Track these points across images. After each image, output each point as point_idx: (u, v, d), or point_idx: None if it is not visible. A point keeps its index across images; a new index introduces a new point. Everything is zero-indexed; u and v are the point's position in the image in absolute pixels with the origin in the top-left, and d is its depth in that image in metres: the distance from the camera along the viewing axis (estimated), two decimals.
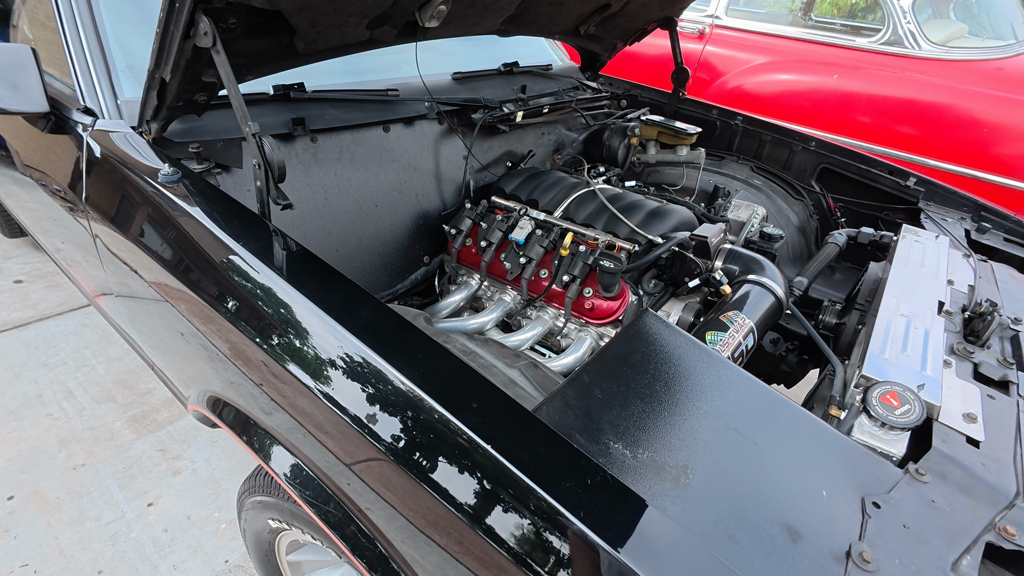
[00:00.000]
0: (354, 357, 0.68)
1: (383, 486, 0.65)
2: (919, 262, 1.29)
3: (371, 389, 0.67)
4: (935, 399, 0.84)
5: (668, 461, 0.67)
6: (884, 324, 1.02)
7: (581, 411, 0.71)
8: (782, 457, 0.72)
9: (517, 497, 0.56)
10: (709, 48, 3.44)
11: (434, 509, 0.61)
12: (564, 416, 0.70)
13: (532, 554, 0.54)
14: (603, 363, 0.80)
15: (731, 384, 0.82)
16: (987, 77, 2.63)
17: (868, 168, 1.92)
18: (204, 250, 0.88)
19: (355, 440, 0.66)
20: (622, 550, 0.51)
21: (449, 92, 1.64)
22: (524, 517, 0.55)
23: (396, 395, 0.65)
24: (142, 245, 0.98)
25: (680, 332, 0.89)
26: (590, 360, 0.80)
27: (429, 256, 1.62)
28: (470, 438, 0.58)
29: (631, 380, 0.78)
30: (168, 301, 0.98)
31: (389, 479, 0.65)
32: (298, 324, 0.74)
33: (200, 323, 0.91)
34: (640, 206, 1.46)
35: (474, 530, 0.57)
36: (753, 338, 1.14)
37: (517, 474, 0.55)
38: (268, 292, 0.78)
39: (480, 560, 0.58)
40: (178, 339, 1.03)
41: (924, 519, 0.68)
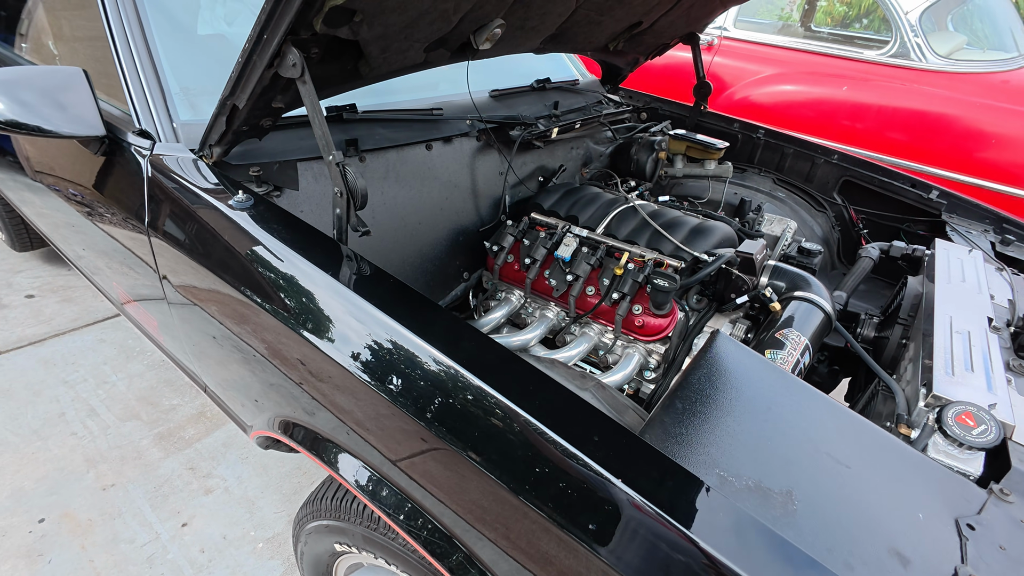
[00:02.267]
0: (468, 393, 0.68)
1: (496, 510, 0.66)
2: (960, 277, 1.33)
3: (492, 425, 0.68)
4: (1009, 418, 0.86)
5: (772, 487, 0.69)
6: (943, 342, 1.04)
7: (681, 439, 0.72)
8: (874, 480, 0.74)
9: (651, 531, 0.57)
10: (718, 59, 3.49)
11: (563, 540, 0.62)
12: (666, 443, 0.71)
13: None
14: (691, 388, 0.81)
15: (811, 405, 0.84)
16: (993, 89, 2.70)
17: (891, 181, 1.96)
18: (285, 276, 0.88)
19: (479, 480, 0.67)
20: None
21: (488, 109, 1.65)
22: (659, 551, 0.56)
23: (517, 432, 0.65)
24: (216, 271, 0.97)
25: (754, 354, 0.91)
26: (676, 385, 0.81)
27: (468, 272, 1.63)
28: (598, 472, 0.59)
29: (718, 404, 0.79)
30: (242, 325, 0.98)
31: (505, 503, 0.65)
32: (399, 358, 0.75)
33: (285, 350, 0.91)
34: (682, 223, 1.48)
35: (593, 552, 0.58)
36: (809, 355, 1.16)
37: (653, 509, 0.56)
38: (363, 321, 0.79)
39: None
40: (252, 366, 1.02)
41: (1018, 540, 0.70)
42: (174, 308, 1.21)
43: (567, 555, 0.63)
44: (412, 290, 0.82)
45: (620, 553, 0.57)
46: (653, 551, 0.56)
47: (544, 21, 1.36)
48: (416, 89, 1.57)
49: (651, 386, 1.39)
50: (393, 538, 0.92)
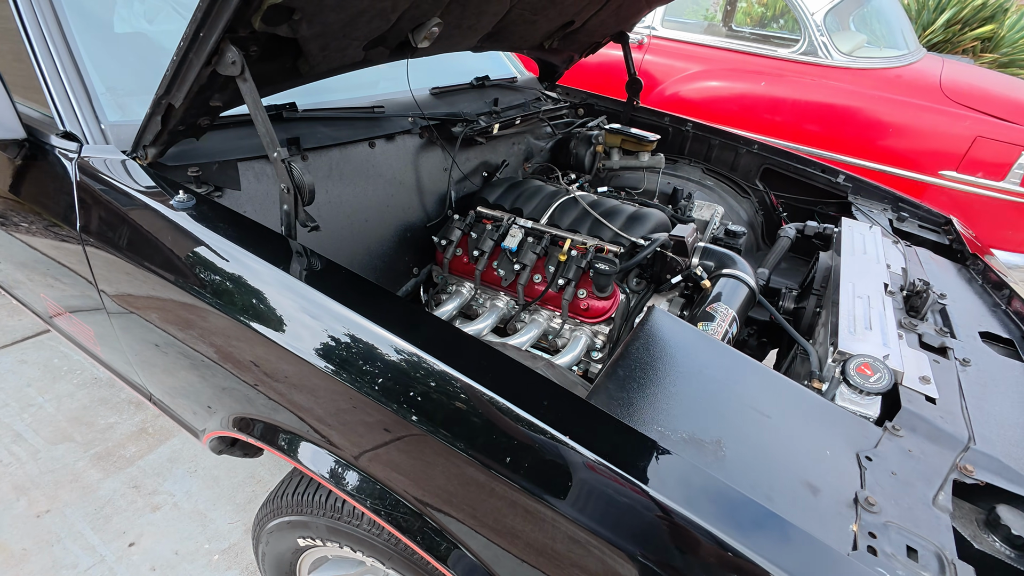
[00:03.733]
0: (424, 372, 0.72)
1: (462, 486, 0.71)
2: (862, 250, 1.49)
3: (450, 399, 0.72)
4: (899, 367, 1.00)
5: (704, 438, 0.77)
6: (847, 307, 1.18)
7: (624, 401, 0.80)
8: (791, 427, 0.84)
9: (603, 483, 0.63)
10: (648, 57, 3.66)
11: (516, 499, 0.67)
12: (611, 406, 0.78)
13: (615, 527, 0.61)
14: (630, 358, 0.89)
15: (737, 366, 0.94)
16: (889, 83, 3.00)
17: (804, 167, 2.15)
18: (233, 275, 0.88)
19: (441, 451, 0.71)
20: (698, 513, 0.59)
21: (428, 107, 1.68)
22: (613, 501, 0.63)
23: (475, 403, 0.70)
24: (158, 274, 0.96)
25: (686, 324, 1.00)
26: (618, 355, 0.88)
27: (418, 267, 1.65)
28: (553, 434, 0.64)
29: (656, 370, 0.87)
30: (189, 331, 0.97)
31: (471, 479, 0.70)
32: (358, 344, 0.77)
33: (237, 351, 0.91)
34: (619, 211, 1.57)
35: (559, 511, 0.63)
36: (736, 325, 1.27)
37: (604, 464, 0.62)
38: (318, 313, 0.81)
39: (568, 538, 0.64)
40: (202, 371, 1.01)
41: (906, 466, 0.82)
42: (114, 317, 1.17)
43: (531, 525, 0.68)
44: (364, 279, 0.85)
45: (576, 505, 0.63)
46: (606, 501, 0.63)
47: (480, 20, 1.41)
48: (356, 87, 1.57)
49: (599, 366, 1.48)
50: (358, 524, 0.94)
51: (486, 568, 0.78)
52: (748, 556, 0.59)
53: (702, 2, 4.65)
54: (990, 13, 6.29)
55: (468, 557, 0.78)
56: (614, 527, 0.62)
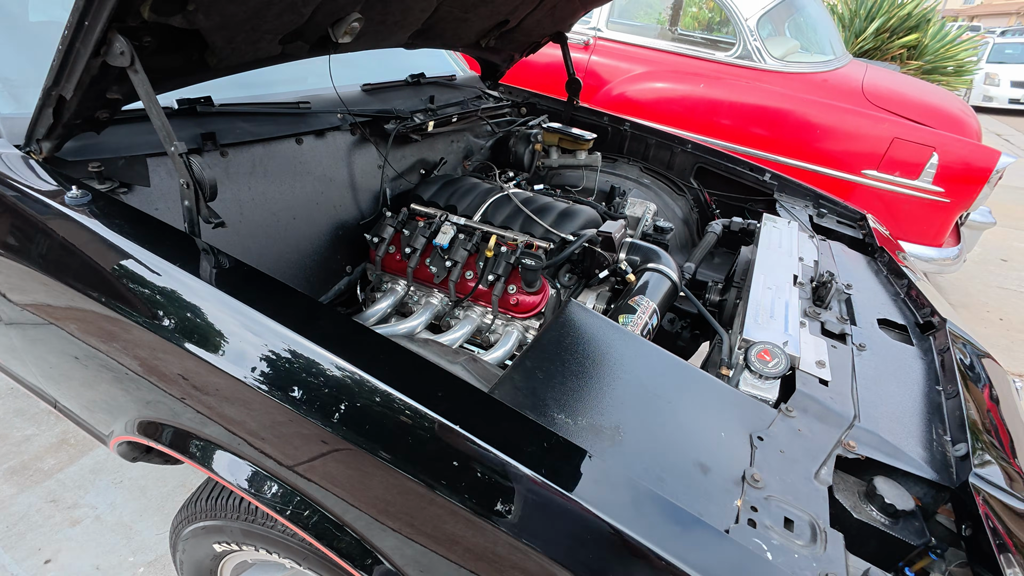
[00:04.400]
0: (322, 365, 0.72)
1: (360, 481, 0.71)
2: (778, 244, 1.57)
3: (345, 394, 0.72)
4: (795, 352, 1.06)
5: (603, 424, 0.80)
6: (756, 297, 1.24)
7: (528, 391, 0.82)
8: (690, 411, 0.88)
9: (489, 468, 0.64)
10: (594, 58, 3.74)
11: (414, 491, 0.68)
12: (515, 397, 0.80)
13: (506, 512, 0.63)
14: (541, 349, 0.91)
15: (645, 357, 0.97)
16: (816, 87, 3.17)
17: (734, 166, 2.25)
18: (132, 274, 0.85)
19: (333, 442, 0.71)
20: (577, 494, 0.62)
21: (360, 103, 1.66)
22: (496, 484, 0.64)
23: (369, 394, 0.70)
24: (55, 276, 0.91)
25: (600, 317, 1.03)
26: (529, 347, 0.90)
27: (351, 266, 1.64)
28: (442, 423, 0.65)
29: (566, 361, 0.90)
30: (86, 332, 0.93)
31: (367, 471, 0.70)
32: (256, 341, 0.76)
33: (137, 351, 0.88)
34: (551, 208, 1.60)
35: (445, 497, 0.65)
36: (656, 318, 1.32)
37: (487, 448, 0.64)
38: (218, 312, 0.79)
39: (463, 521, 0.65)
40: (98, 372, 0.97)
41: (794, 444, 0.88)
42: (7, 320, 1.11)
43: (451, 517, 0.69)
44: (266, 276, 0.83)
45: (464, 492, 0.65)
46: (495, 489, 0.64)
47: (406, 17, 1.41)
48: (283, 83, 1.54)
49: None
50: (272, 526, 0.92)
51: (396, 568, 0.79)
52: (625, 532, 0.61)
53: (656, 5, 4.77)
54: (915, 23, 6.72)
55: (377, 556, 0.78)
56: (508, 516, 0.64)
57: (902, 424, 0.99)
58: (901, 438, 0.95)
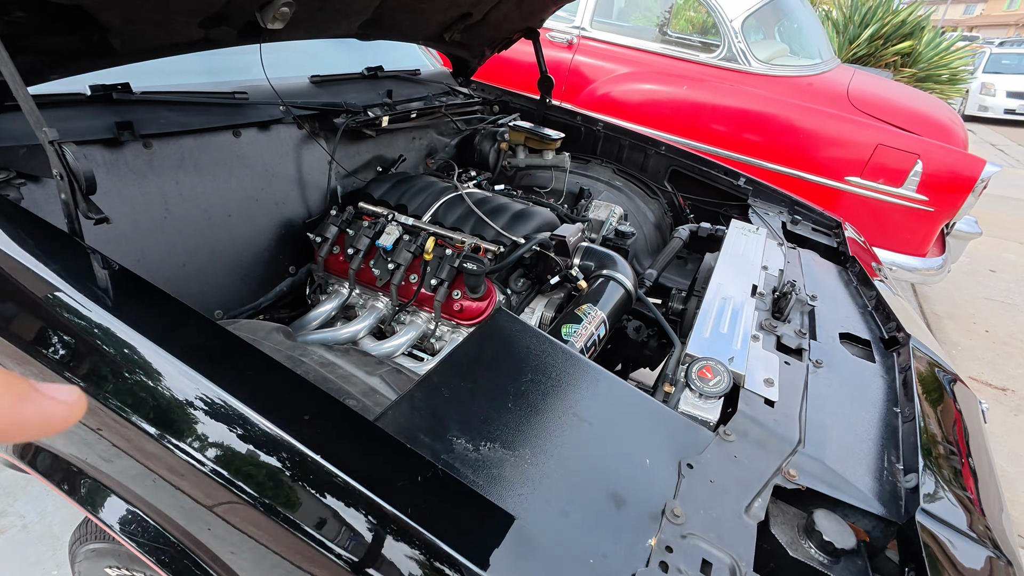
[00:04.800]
0: (181, 384, 0.64)
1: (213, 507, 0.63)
2: (741, 252, 1.50)
3: (203, 415, 0.64)
4: (740, 369, 0.98)
5: (510, 451, 0.72)
6: (707, 308, 1.17)
7: (428, 412, 0.74)
8: (615, 434, 0.81)
9: (350, 502, 0.56)
10: (578, 57, 3.66)
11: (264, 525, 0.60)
12: (410, 418, 0.72)
13: (363, 554, 0.55)
14: (453, 363, 0.83)
15: (574, 373, 0.90)
16: (801, 91, 3.10)
17: (708, 170, 2.18)
18: None
19: (182, 469, 0.63)
20: (445, 539, 0.54)
21: (308, 96, 1.58)
22: (355, 520, 0.56)
23: (224, 415, 0.62)
24: None
25: (529, 327, 0.95)
26: (440, 361, 0.83)
27: (295, 266, 1.55)
28: (299, 451, 0.58)
29: (480, 377, 0.82)
30: None
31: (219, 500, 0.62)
32: (117, 351, 0.68)
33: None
34: (506, 209, 1.52)
35: (297, 535, 0.57)
36: (605, 328, 1.24)
37: (346, 479, 0.56)
38: (80, 318, 0.71)
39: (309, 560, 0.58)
40: None
41: (727, 473, 0.80)
42: None
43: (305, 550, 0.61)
44: (143, 281, 0.75)
45: (316, 527, 0.57)
46: (349, 527, 0.56)
47: (349, 5, 1.33)
48: (222, 72, 1.46)
49: None
50: None
51: None
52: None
53: (654, 8, 4.68)
54: (909, 30, 6.68)
55: None
56: (363, 556, 0.56)
57: (852, 450, 0.91)
58: (849, 466, 0.88)
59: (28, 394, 0.24)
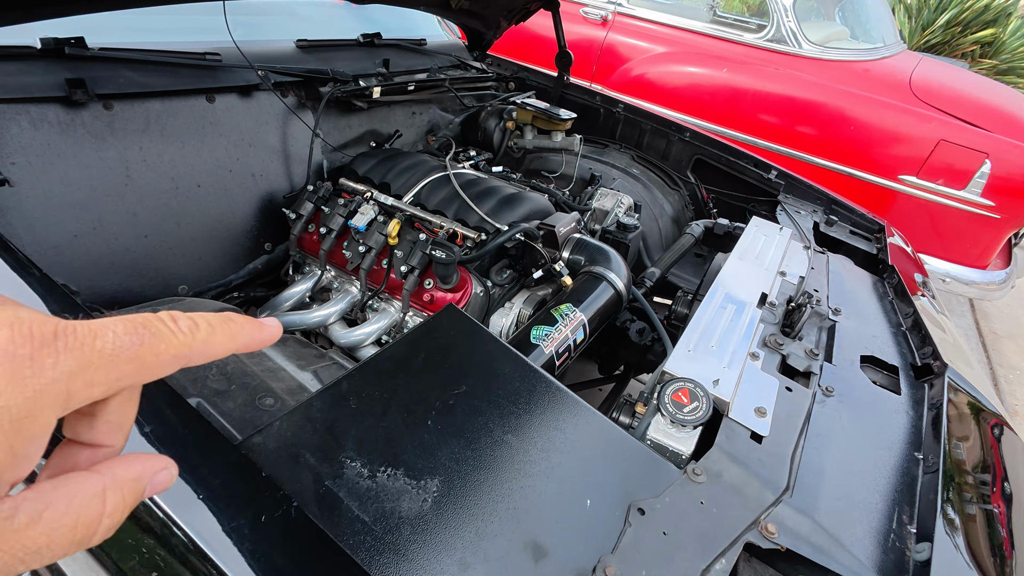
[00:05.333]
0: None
1: None
2: (756, 253, 1.32)
3: None
4: (726, 395, 0.83)
5: (414, 480, 0.60)
6: (700, 318, 1.01)
7: (324, 425, 0.63)
8: (556, 465, 0.68)
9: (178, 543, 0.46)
10: (612, 35, 3.44)
11: None
12: (299, 433, 0.61)
13: None
14: (373, 368, 0.72)
15: (520, 386, 0.77)
16: (855, 77, 2.80)
17: (736, 160, 1.97)
18: None
19: None
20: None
21: (292, 61, 1.48)
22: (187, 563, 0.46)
23: None
24: None
25: (478, 329, 0.83)
26: (357, 365, 0.71)
27: (272, 243, 1.47)
28: None
29: (401, 386, 0.70)
30: None
31: None
32: None
33: None
34: (495, 192, 1.39)
35: None
36: (584, 332, 1.10)
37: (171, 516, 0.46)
38: None
39: None
40: None
41: (687, 523, 0.66)
42: None
43: None
44: None
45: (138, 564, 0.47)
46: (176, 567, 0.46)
47: None
48: (195, 31, 1.37)
49: None
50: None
51: None
52: None
53: None
54: (992, 16, 6.04)
55: None
56: None
57: (853, 504, 0.75)
58: (846, 524, 0.72)
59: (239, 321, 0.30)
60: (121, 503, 0.25)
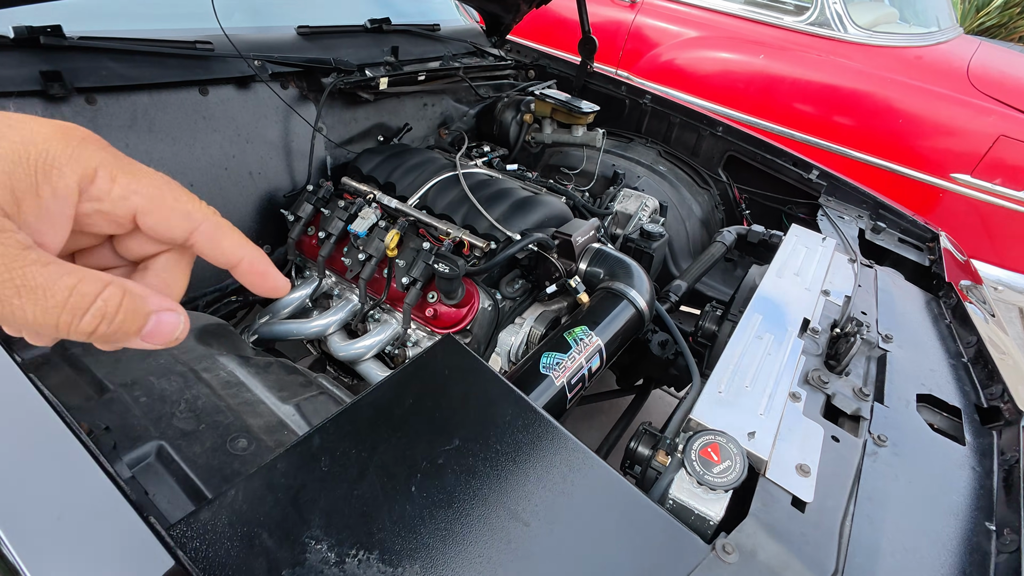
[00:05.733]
0: None
1: None
2: (796, 270, 1.18)
3: None
4: (763, 450, 0.71)
5: (391, 567, 0.51)
6: (734, 349, 0.89)
7: (288, 494, 0.54)
8: (560, 541, 0.57)
9: None
10: (641, 18, 3.25)
11: None
12: (257, 505, 0.52)
13: None
14: (351, 418, 0.62)
15: (524, 439, 0.66)
16: (906, 65, 2.58)
17: (773, 159, 1.81)
18: None
19: None
20: None
21: (292, 50, 1.38)
22: None
23: None
24: None
25: (479, 365, 0.73)
26: (332, 415, 0.62)
27: (272, 245, 1.39)
28: None
29: (382, 443, 0.61)
30: None
31: None
32: None
33: None
34: (508, 195, 1.28)
35: None
36: (600, 358, 0.99)
37: None
38: None
39: None
40: None
41: None
42: None
43: None
44: None
45: None
46: None
47: None
48: (186, 18, 1.27)
49: None
50: None
51: None
52: None
53: None
54: None
55: None
56: None
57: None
58: None
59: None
60: (118, 300, 0.27)
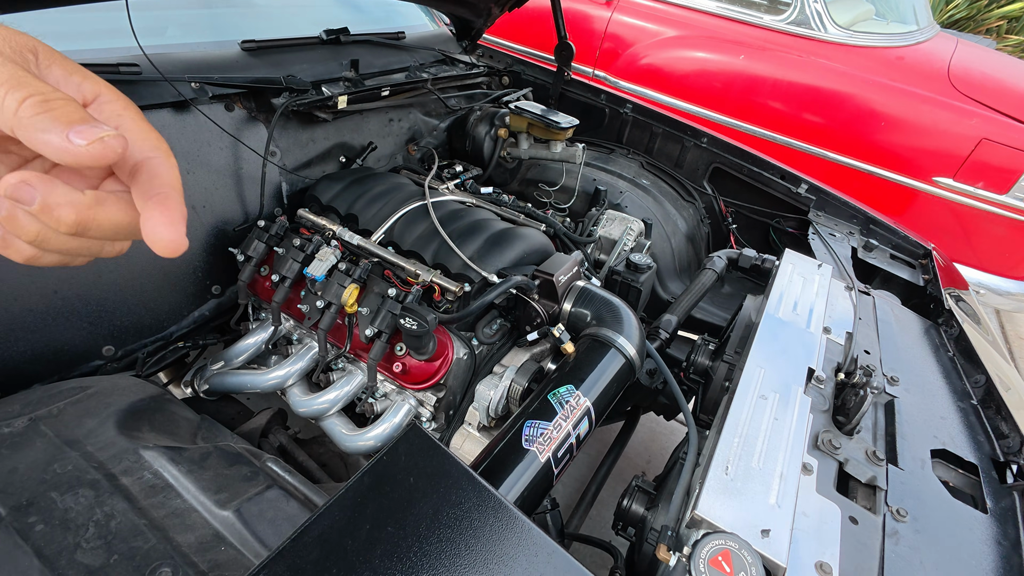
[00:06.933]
0: None
1: None
2: (794, 305, 1.10)
3: None
4: (780, 554, 0.62)
5: None
6: (738, 416, 0.80)
7: None
8: None
9: None
10: (618, 16, 3.14)
11: None
12: None
13: None
14: (292, 558, 0.51)
15: (499, 551, 0.56)
16: (887, 65, 2.53)
17: (760, 171, 1.73)
18: None
19: None
20: None
21: (236, 68, 1.23)
22: None
23: None
24: None
25: (450, 467, 0.62)
26: (266, 559, 0.50)
27: (221, 286, 1.25)
28: None
29: (356, 567, 0.50)
30: None
31: None
32: None
33: None
34: (481, 229, 1.16)
35: None
36: (588, 421, 0.89)
37: None
38: None
39: None
40: None
41: None
42: None
43: None
44: None
45: None
46: None
47: None
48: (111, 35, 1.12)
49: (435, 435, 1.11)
50: None
51: None
52: None
53: None
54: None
55: None
56: None
57: None
58: None
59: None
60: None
